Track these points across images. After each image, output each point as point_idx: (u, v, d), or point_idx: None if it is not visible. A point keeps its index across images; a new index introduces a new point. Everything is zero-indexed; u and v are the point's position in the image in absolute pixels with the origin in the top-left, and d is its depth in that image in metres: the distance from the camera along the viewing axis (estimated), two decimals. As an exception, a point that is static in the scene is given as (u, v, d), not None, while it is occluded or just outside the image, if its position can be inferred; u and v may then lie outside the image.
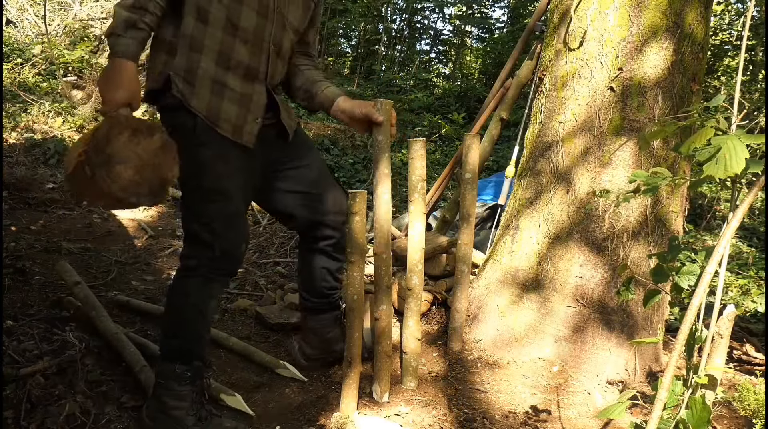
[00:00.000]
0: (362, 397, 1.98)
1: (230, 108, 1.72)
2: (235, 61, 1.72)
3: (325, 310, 2.14)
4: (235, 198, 1.77)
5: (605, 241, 2.14)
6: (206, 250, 1.75)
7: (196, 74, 1.68)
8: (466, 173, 2.25)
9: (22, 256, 2.92)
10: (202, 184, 1.73)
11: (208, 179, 1.72)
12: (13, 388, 1.82)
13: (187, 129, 1.70)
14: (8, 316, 2.25)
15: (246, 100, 1.75)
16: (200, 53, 1.69)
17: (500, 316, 2.28)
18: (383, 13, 10.23)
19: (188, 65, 1.68)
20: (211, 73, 1.70)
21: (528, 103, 2.77)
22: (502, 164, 5.85)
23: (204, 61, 1.69)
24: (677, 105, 2.14)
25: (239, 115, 1.73)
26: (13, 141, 4.74)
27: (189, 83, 1.68)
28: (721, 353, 1.32)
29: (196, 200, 1.76)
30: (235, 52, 1.71)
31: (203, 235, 1.74)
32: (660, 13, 2.09)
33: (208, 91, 1.69)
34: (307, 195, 1.98)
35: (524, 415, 1.92)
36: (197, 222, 1.75)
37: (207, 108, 1.69)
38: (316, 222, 2.01)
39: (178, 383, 1.75)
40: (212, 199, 1.74)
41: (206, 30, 1.68)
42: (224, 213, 1.75)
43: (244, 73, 1.74)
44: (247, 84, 1.75)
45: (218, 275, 1.79)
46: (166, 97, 1.70)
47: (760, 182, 1.10)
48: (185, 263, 1.79)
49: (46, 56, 6.09)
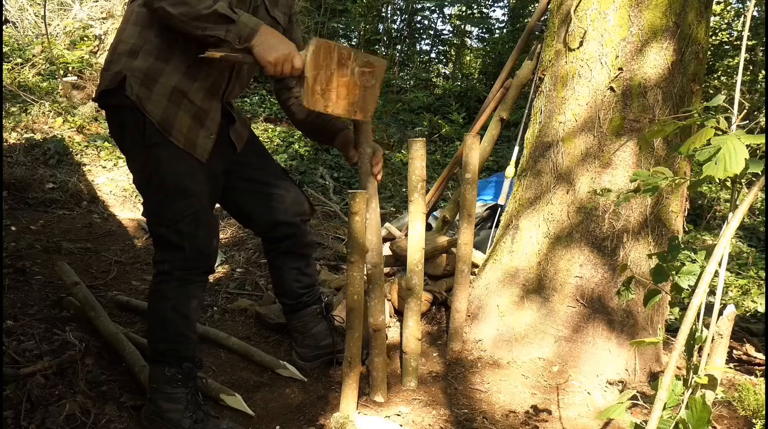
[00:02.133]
0: (362, 397, 1.98)
1: (184, 120, 1.70)
2: (205, 73, 1.71)
3: (303, 307, 2.15)
4: (198, 195, 1.75)
5: (605, 241, 2.14)
6: (177, 253, 1.74)
7: (157, 80, 1.66)
8: (466, 173, 2.25)
9: (22, 256, 2.92)
10: (163, 184, 1.71)
11: (169, 178, 1.71)
12: (13, 388, 1.82)
13: (138, 130, 1.67)
14: (8, 316, 2.26)
15: (202, 114, 1.73)
16: (166, 63, 1.67)
17: (500, 316, 2.28)
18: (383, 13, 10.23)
19: (149, 70, 1.66)
20: (173, 82, 1.68)
21: (528, 103, 2.77)
22: (502, 164, 5.85)
23: (168, 70, 1.67)
24: (677, 105, 2.14)
25: (192, 127, 1.71)
26: (13, 141, 4.74)
27: (146, 87, 1.66)
28: (721, 353, 1.32)
29: (159, 202, 1.74)
30: (203, 66, 1.70)
31: (172, 238, 1.73)
32: (660, 13, 2.09)
33: (166, 99, 1.67)
34: (265, 195, 2.00)
35: (524, 415, 1.92)
36: (163, 225, 1.74)
37: (162, 115, 1.67)
38: (274, 221, 2.03)
39: (170, 386, 1.75)
40: (175, 199, 1.72)
41: (178, 40, 1.67)
42: (190, 211, 1.73)
43: (209, 87, 1.73)
44: (207, 100, 1.74)
45: (194, 275, 1.78)
46: (118, 97, 1.67)
47: (760, 182, 1.10)
48: (159, 268, 1.78)
49: (46, 56, 6.09)
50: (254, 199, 2.00)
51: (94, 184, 4.51)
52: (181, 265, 1.75)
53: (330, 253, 3.37)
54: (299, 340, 2.19)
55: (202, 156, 1.74)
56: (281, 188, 2.03)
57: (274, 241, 2.08)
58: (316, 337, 2.17)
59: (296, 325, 2.18)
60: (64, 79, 5.81)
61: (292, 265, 2.10)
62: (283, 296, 2.17)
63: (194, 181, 1.74)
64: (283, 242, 2.07)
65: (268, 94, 7.06)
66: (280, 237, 2.06)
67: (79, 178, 4.34)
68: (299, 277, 2.12)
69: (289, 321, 2.22)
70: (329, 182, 5.54)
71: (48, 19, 6.56)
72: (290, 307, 2.16)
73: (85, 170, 4.67)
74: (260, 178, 2.00)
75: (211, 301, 2.76)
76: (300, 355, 2.20)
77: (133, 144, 1.72)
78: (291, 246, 2.08)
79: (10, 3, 6.90)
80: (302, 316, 2.16)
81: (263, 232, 2.09)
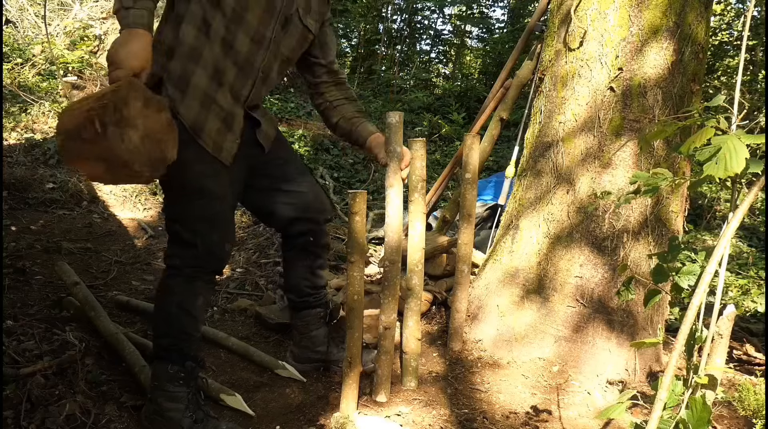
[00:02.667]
0: (362, 397, 1.98)
1: (214, 123, 1.72)
2: (226, 80, 1.73)
3: (308, 307, 2.16)
4: (218, 198, 1.77)
5: (605, 241, 2.14)
6: (189, 249, 1.75)
7: (189, 83, 1.69)
8: (466, 173, 2.25)
9: (22, 256, 2.92)
10: (183, 182, 1.73)
11: (190, 178, 1.72)
12: (13, 388, 1.82)
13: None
14: (8, 316, 2.26)
15: (230, 119, 1.76)
16: (197, 64, 1.69)
17: (500, 316, 2.28)
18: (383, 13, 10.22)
19: (182, 72, 1.68)
20: (203, 86, 1.70)
21: (528, 103, 2.77)
22: (502, 164, 5.85)
23: (199, 73, 1.69)
24: (677, 105, 2.14)
25: (220, 131, 1.74)
26: (13, 141, 4.74)
27: (180, 90, 1.68)
28: (721, 353, 1.32)
29: (177, 200, 1.77)
30: (228, 72, 1.73)
31: (185, 235, 1.75)
32: (660, 13, 2.09)
33: (198, 103, 1.70)
34: (287, 192, 2.00)
35: (524, 415, 1.92)
36: (178, 221, 1.76)
37: (194, 119, 1.69)
38: (295, 218, 2.03)
39: (172, 384, 1.75)
40: (194, 198, 1.74)
41: (207, 43, 1.69)
42: (207, 213, 1.75)
43: (231, 94, 1.75)
44: (233, 104, 1.76)
45: (202, 273, 1.79)
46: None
47: (760, 182, 1.10)
48: (169, 263, 1.80)
49: (46, 56, 6.09)
50: (276, 195, 2.01)
51: (95, 184, 4.50)
52: (191, 262, 1.76)
53: (330, 253, 3.37)
54: (297, 339, 2.21)
55: (227, 160, 1.76)
56: (303, 186, 2.04)
57: (292, 237, 2.09)
58: (313, 341, 2.18)
59: (298, 324, 2.19)
60: (64, 79, 5.81)
61: (304, 262, 2.12)
62: (290, 292, 2.18)
63: (216, 184, 1.76)
64: (299, 239, 2.08)
65: (268, 95, 7.05)
66: (298, 234, 2.07)
67: (79, 178, 4.34)
68: (308, 276, 2.14)
69: (292, 319, 2.23)
70: (329, 182, 5.53)
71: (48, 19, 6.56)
72: (295, 304, 2.17)
73: (85, 170, 4.67)
74: (283, 174, 2.00)
75: (211, 300, 2.76)
76: (294, 356, 2.20)
77: None
78: (307, 244, 2.09)
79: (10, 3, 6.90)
80: (304, 316, 2.17)
81: (283, 228, 2.10)
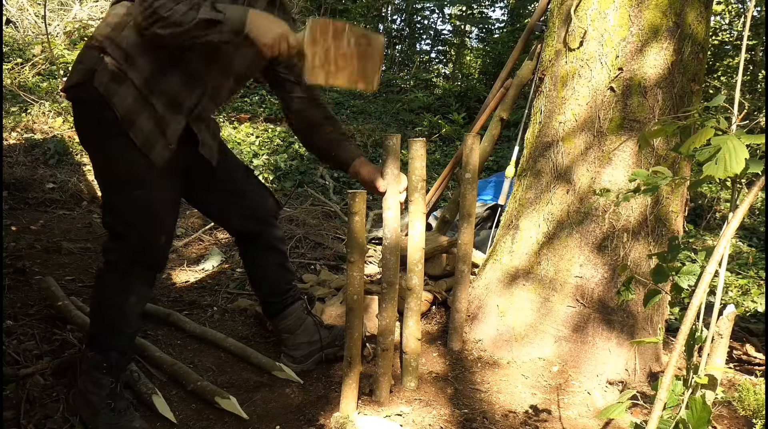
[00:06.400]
0: (362, 396, 1.98)
1: (146, 122, 1.70)
2: (159, 90, 1.71)
3: (291, 303, 2.17)
4: (154, 188, 1.75)
5: (605, 240, 2.14)
6: (123, 242, 1.75)
7: (125, 80, 1.67)
8: (466, 173, 2.25)
9: (22, 256, 2.91)
10: (115, 171, 1.73)
11: (124, 168, 1.71)
12: (13, 388, 1.83)
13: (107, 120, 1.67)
14: (8, 316, 2.26)
15: (163, 124, 1.73)
16: (134, 66, 1.68)
17: (500, 316, 2.28)
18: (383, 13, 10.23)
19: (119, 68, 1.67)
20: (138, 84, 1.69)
21: (528, 103, 2.77)
22: (502, 164, 5.85)
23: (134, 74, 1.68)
24: (677, 105, 2.14)
25: (153, 132, 1.71)
26: (13, 141, 4.74)
27: (115, 82, 1.66)
28: (721, 353, 1.32)
29: (111, 191, 1.76)
30: (165, 82, 1.71)
31: (118, 227, 1.74)
32: (660, 13, 2.09)
33: (132, 97, 1.68)
34: (240, 195, 2.04)
35: (524, 415, 1.92)
36: (111, 213, 1.76)
37: (126, 111, 1.67)
38: (250, 218, 2.07)
39: (97, 371, 1.77)
40: (125, 188, 1.73)
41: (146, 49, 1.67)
42: (141, 204, 1.73)
43: (165, 101, 1.73)
44: (167, 111, 1.73)
45: (138, 268, 1.78)
46: (87, 90, 1.67)
47: (760, 182, 1.10)
48: (105, 257, 1.80)
49: (46, 56, 6.09)
50: (226, 200, 2.04)
51: (94, 184, 4.50)
52: (126, 256, 1.76)
53: (330, 253, 3.37)
54: (290, 341, 2.18)
55: (157, 162, 1.73)
56: (251, 187, 2.09)
57: (250, 238, 2.12)
58: (307, 333, 2.17)
59: (285, 326, 2.17)
60: (64, 79, 5.81)
61: (274, 259, 2.14)
62: (269, 296, 2.18)
63: (149, 173, 1.73)
64: (258, 239, 2.11)
65: (268, 94, 7.06)
66: (255, 234, 2.10)
67: (79, 178, 4.34)
68: (282, 272, 2.16)
69: (276, 325, 2.21)
70: (329, 182, 5.54)
71: (48, 19, 6.56)
72: (277, 307, 2.17)
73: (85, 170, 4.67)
74: (229, 179, 2.04)
75: (211, 301, 2.76)
76: (292, 358, 2.17)
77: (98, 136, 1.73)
78: (269, 239, 2.12)
79: (10, 3, 6.90)
80: (290, 314, 2.17)
81: (238, 231, 2.13)
